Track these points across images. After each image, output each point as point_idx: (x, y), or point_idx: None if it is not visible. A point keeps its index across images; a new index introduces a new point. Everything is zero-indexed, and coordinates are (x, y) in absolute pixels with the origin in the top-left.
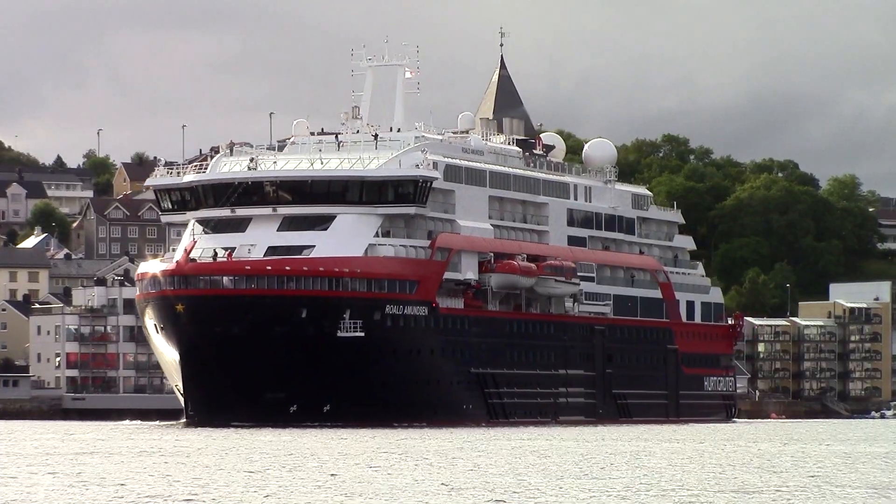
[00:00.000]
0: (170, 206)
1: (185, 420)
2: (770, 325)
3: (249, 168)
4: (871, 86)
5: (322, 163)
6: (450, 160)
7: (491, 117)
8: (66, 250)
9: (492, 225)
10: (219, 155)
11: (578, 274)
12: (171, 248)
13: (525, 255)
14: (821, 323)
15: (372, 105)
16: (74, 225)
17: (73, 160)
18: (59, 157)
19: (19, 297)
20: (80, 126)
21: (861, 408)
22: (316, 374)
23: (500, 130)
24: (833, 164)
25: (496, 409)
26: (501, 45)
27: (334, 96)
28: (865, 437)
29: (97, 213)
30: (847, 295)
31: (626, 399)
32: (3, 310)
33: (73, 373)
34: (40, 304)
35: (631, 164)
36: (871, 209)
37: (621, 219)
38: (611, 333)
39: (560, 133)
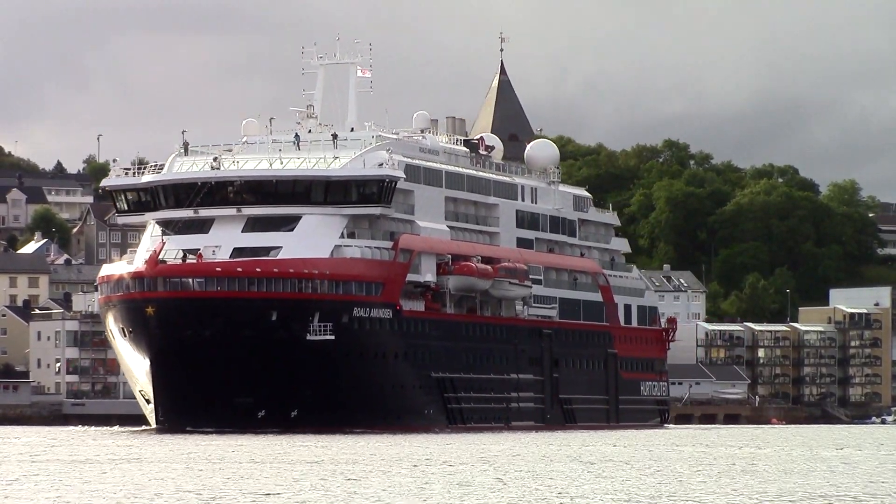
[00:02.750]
0: (126, 208)
1: (155, 426)
2: (770, 331)
3: (213, 168)
4: (874, 90)
5: (282, 162)
6: (409, 160)
7: (490, 122)
8: (66, 256)
9: (447, 226)
10: (173, 154)
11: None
12: (128, 250)
13: (479, 257)
14: (821, 328)
15: (324, 104)
16: (74, 230)
17: (74, 165)
18: (59, 163)
19: (19, 303)
20: (81, 131)
21: (861, 413)
22: (284, 378)
23: (459, 130)
24: (834, 170)
25: (454, 415)
26: (502, 49)
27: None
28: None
29: (97, 218)
30: (847, 300)
31: (571, 404)
32: (3, 315)
33: (73, 378)
34: (40, 309)
35: (631, 169)
36: (871, 214)
37: (564, 220)
38: (557, 337)
39: (560, 138)
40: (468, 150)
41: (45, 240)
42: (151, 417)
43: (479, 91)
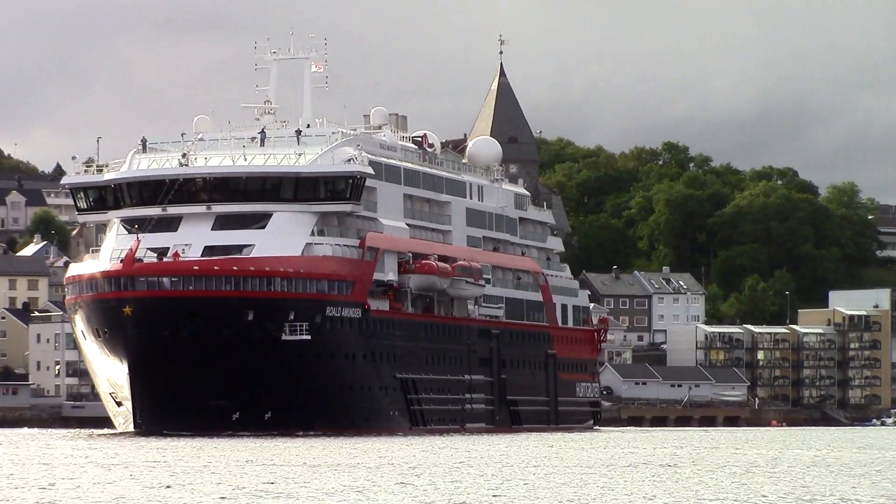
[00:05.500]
0: (86, 206)
1: (133, 430)
2: (769, 333)
3: (181, 164)
4: (877, 93)
5: (245, 159)
6: (371, 156)
7: (490, 125)
8: (65, 258)
9: (406, 224)
10: (132, 151)
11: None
12: (90, 249)
13: (436, 256)
14: (820, 330)
15: (278, 100)
16: (74, 233)
17: (73, 168)
18: (58, 165)
19: (19, 305)
20: (80, 134)
21: (860, 415)
22: (259, 380)
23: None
24: (835, 172)
25: (416, 416)
26: (501, 52)
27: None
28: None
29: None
30: (846, 302)
31: (517, 406)
32: (3, 318)
33: (73, 381)
34: (40, 312)
35: (630, 172)
36: (870, 217)
37: (509, 219)
38: (503, 338)
39: (559, 140)
40: (416, 146)
41: (45, 242)
42: (119, 421)
43: (478, 93)
